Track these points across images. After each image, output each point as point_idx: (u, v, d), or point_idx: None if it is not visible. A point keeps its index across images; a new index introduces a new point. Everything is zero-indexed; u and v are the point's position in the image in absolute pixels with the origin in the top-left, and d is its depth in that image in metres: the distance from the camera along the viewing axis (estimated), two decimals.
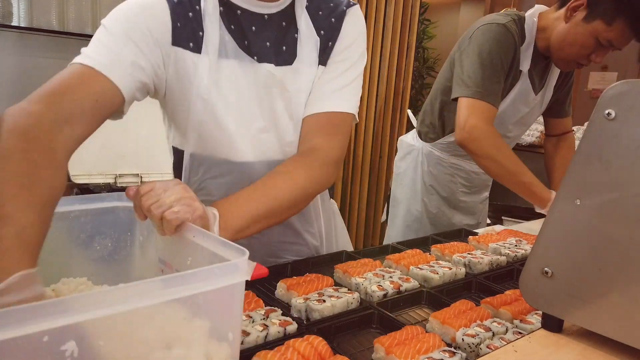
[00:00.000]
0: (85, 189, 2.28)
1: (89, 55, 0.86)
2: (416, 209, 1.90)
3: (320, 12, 1.08)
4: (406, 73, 3.54)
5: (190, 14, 0.96)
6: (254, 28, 1.01)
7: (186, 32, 0.95)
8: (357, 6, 1.12)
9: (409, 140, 1.96)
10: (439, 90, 1.79)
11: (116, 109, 0.89)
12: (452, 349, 0.78)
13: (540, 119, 1.97)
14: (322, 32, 1.07)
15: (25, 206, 0.62)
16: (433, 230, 1.87)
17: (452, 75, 1.69)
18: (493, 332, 0.85)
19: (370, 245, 3.61)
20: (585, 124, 0.87)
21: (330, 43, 1.08)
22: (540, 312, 0.82)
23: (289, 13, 1.05)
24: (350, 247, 1.39)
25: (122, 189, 0.80)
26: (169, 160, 1.18)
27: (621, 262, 0.69)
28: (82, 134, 0.81)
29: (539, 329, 0.82)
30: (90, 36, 0.89)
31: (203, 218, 0.79)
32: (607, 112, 0.69)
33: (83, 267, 0.76)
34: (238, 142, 1.03)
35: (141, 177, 2.48)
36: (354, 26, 1.10)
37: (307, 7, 1.07)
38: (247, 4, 1.00)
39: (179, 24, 0.94)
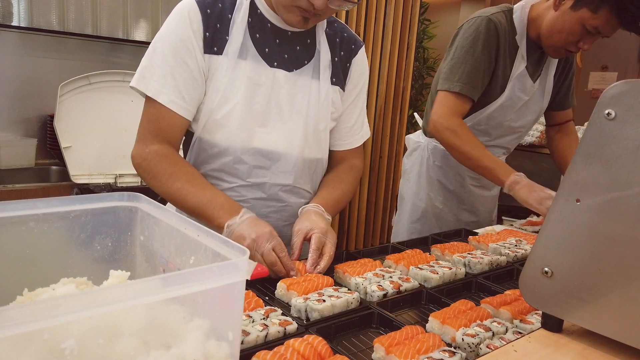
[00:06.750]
0: (85, 189, 2.28)
1: (161, 92, 1.11)
2: (421, 204, 1.92)
3: (337, 40, 1.29)
4: (406, 73, 3.53)
5: (218, 25, 1.14)
6: (277, 40, 1.21)
7: (212, 40, 1.14)
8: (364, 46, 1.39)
9: (415, 137, 2.01)
10: (436, 86, 1.83)
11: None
12: (452, 349, 0.78)
13: (541, 119, 1.98)
14: (336, 58, 1.28)
15: (202, 187, 1.13)
16: (438, 226, 1.89)
17: None
18: (493, 332, 0.85)
19: (370, 245, 3.61)
20: (586, 124, 0.87)
21: (343, 69, 1.30)
22: (540, 312, 0.82)
23: (312, 33, 1.26)
24: None
25: (122, 189, 0.80)
26: None
27: (621, 262, 0.69)
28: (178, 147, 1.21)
29: (538, 328, 0.82)
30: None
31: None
32: (607, 112, 0.69)
33: (83, 267, 0.76)
34: (239, 133, 1.17)
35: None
36: (364, 61, 1.37)
37: (325, 32, 1.28)
38: (277, 21, 1.20)
39: (207, 34, 1.13)
